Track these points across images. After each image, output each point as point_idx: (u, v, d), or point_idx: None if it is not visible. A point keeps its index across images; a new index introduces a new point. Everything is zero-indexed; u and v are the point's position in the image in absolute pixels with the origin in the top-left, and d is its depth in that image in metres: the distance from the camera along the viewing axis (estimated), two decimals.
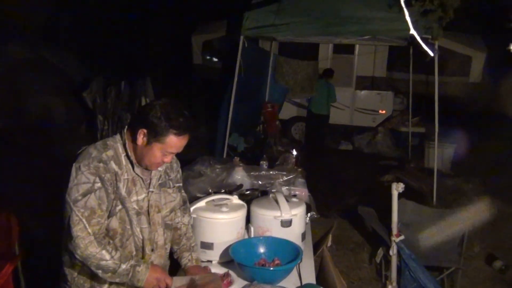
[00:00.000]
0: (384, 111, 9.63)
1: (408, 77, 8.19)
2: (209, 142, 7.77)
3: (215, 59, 10.85)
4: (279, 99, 8.52)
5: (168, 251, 2.06)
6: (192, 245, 2.12)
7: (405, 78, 8.54)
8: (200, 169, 3.36)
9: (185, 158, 1.86)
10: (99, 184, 1.69)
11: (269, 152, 8.06)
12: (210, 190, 3.15)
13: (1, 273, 2.30)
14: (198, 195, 3.03)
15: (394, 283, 3.33)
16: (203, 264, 2.24)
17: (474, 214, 3.52)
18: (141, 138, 1.74)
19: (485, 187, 6.50)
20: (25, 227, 2.77)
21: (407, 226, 3.51)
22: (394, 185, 3.11)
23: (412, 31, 1.36)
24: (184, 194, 2.16)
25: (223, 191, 3.01)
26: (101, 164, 1.71)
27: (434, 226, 3.65)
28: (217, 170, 3.34)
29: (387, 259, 3.52)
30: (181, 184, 2.12)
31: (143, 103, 7.12)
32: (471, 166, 7.34)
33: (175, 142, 1.73)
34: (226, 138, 6.38)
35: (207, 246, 2.30)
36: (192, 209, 2.32)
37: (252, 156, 7.04)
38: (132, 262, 1.73)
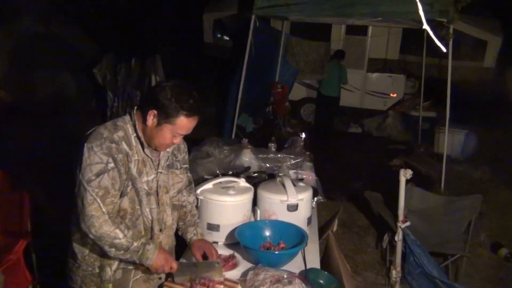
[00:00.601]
0: (395, 95, 9.53)
1: (421, 60, 8.07)
2: (218, 122, 7.78)
3: (226, 38, 10.77)
4: (289, 80, 8.45)
5: (174, 230, 2.09)
6: (197, 221, 2.16)
7: (418, 61, 8.42)
8: (208, 150, 3.37)
9: (193, 138, 1.87)
10: (112, 165, 1.70)
11: (278, 133, 8.10)
12: (217, 171, 3.16)
13: (13, 250, 2.35)
14: (206, 175, 3.05)
15: (398, 268, 3.35)
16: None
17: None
18: (151, 119, 1.74)
19: (494, 175, 6.45)
20: (36, 204, 2.82)
21: (413, 212, 3.52)
22: (402, 171, 3.10)
23: (422, 16, 1.32)
24: (189, 175, 2.17)
25: (230, 173, 3.02)
26: (114, 145, 1.72)
27: (440, 213, 3.65)
28: (225, 151, 3.35)
29: (392, 244, 3.54)
30: (187, 165, 2.13)
31: (153, 81, 7.12)
32: (482, 152, 7.27)
33: (185, 123, 1.74)
34: (235, 118, 6.38)
35: (214, 227, 2.33)
36: (199, 191, 2.34)
37: (260, 136, 7.06)
38: (143, 240, 1.77)
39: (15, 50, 7.26)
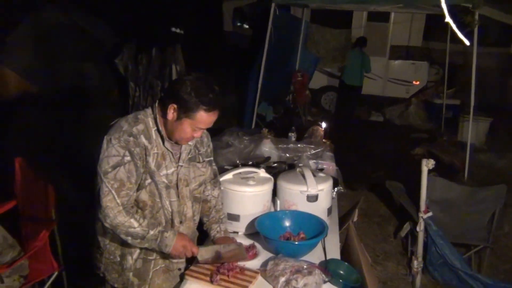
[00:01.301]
0: (418, 82, 9.37)
1: (445, 46, 7.89)
2: (238, 111, 7.78)
3: (245, 26, 10.72)
4: (310, 68, 8.37)
5: (196, 223, 2.10)
6: (221, 217, 2.16)
7: (442, 48, 8.23)
8: (228, 140, 3.39)
9: (213, 128, 1.87)
10: (128, 158, 1.72)
11: (298, 122, 8.05)
12: (238, 162, 3.18)
13: (38, 237, 2.41)
14: (226, 165, 3.07)
15: (420, 259, 3.34)
16: (230, 236, 2.29)
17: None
18: (171, 113, 1.75)
19: None
20: (61, 192, 2.88)
21: (435, 203, 3.47)
22: (424, 161, 3.07)
23: (444, 7, 1.27)
24: (215, 167, 2.18)
25: (250, 163, 3.03)
26: (131, 138, 1.74)
27: (463, 203, 3.59)
28: (245, 141, 3.36)
29: (413, 234, 3.51)
30: (211, 158, 2.14)
31: (173, 71, 7.15)
32: (507, 141, 7.10)
33: (205, 118, 1.75)
34: (255, 107, 6.37)
35: (234, 217, 2.34)
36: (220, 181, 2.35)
37: (280, 125, 7.03)
38: (160, 228, 1.79)
39: (38, 41, 7.36)
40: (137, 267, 1.92)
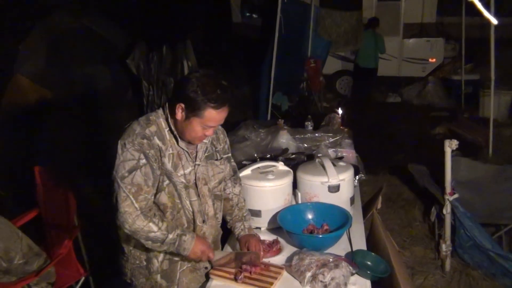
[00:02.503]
0: (434, 59, 9.16)
1: (461, 20, 7.67)
2: (252, 102, 7.74)
3: (254, 16, 10.62)
4: (322, 53, 8.23)
5: (219, 221, 2.07)
6: (244, 214, 2.13)
7: (457, 22, 8.01)
8: (244, 134, 3.36)
9: (228, 121, 1.82)
10: (144, 161, 1.70)
11: (314, 109, 7.96)
12: (255, 155, 3.14)
13: (62, 245, 2.42)
14: (244, 160, 3.04)
15: (448, 242, 3.26)
16: (254, 232, 2.27)
17: None
18: (179, 113, 1.72)
19: None
20: (84, 196, 2.90)
21: (461, 184, 3.38)
22: (447, 142, 2.98)
23: None
24: (233, 164, 2.14)
25: (268, 156, 2.99)
26: (145, 141, 1.71)
27: (490, 182, 3.49)
28: (262, 134, 3.32)
29: (440, 217, 3.43)
30: (229, 155, 2.10)
31: (185, 66, 7.13)
32: None
33: (214, 115, 1.70)
34: (270, 98, 6.31)
35: (255, 213, 2.31)
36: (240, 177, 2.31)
37: (297, 114, 6.96)
38: (178, 231, 1.77)
39: (51, 47, 7.42)
40: (164, 268, 1.91)
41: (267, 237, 2.24)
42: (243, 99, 8.22)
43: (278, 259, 2.05)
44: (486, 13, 0.98)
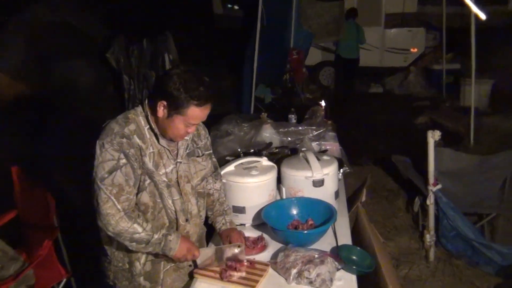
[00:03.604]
0: (416, 49, 9.21)
1: (441, 10, 7.71)
2: (234, 95, 7.68)
3: (236, 7, 10.51)
4: (305, 44, 8.20)
5: (203, 218, 2.04)
6: (226, 209, 2.10)
7: (438, 12, 8.06)
8: (227, 128, 3.31)
9: (211, 114, 1.78)
10: (124, 160, 1.65)
11: (298, 101, 7.95)
12: (239, 150, 3.11)
13: (42, 246, 2.36)
14: (227, 154, 3.00)
15: (432, 232, 3.29)
16: (236, 226, 2.24)
17: None
18: (161, 111, 1.67)
19: None
20: (65, 197, 2.83)
21: (444, 174, 3.40)
22: (430, 133, 2.99)
23: None
24: (214, 159, 2.10)
25: (252, 150, 2.96)
26: (124, 140, 1.66)
27: (472, 172, 3.52)
28: (245, 128, 3.28)
29: (424, 208, 3.45)
30: (211, 151, 2.07)
31: (166, 60, 7.04)
32: (511, 102, 6.98)
33: (197, 113, 1.67)
34: (252, 90, 6.26)
35: (239, 210, 2.28)
36: (221, 173, 2.28)
37: (280, 106, 6.94)
38: (164, 231, 1.73)
39: (29, 40, 7.24)
40: (147, 270, 1.87)
41: (252, 233, 2.21)
42: (226, 91, 8.16)
43: (264, 256, 2.03)
44: (474, 8, 0.96)
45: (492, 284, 3.05)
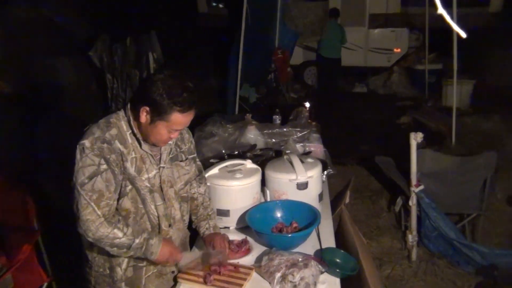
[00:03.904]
0: (399, 49, 9.28)
1: (424, 11, 7.80)
2: (219, 94, 7.66)
3: (221, 6, 10.47)
4: (290, 44, 8.21)
5: (186, 223, 2.02)
6: (210, 213, 2.08)
7: (421, 13, 8.14)
8: (211, 129, 3.30)
9: (196, 114, 1.75)
10: (104, 166, 1.63)
11: (282, 100, 7.97)
12: (223, 151, 3.10)
13: (22, 250, 2.32)
14: (211, 156, 2.99)
15: (414, 233, 3.33)
16: (221, 231, 2.23)
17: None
18: (144, 116, 1.65)
19: (506, 124, 6.31)
20: (44, 199, 2.78)
21: (427, 175, 3.44)
22: (412, 135, 3.02)
23: None
24: (199, 163, 2.09)
25: (236, 152, 2.95)
26: (105, 145, 1.64)
27: (454, 173, 3.57)
28: (229, 129, 3.28)
29: (406, 208, 3.49)
30: (195, 155, 2.05)
31: (150, 58, 6.98)
32: (491, 102, 7.11)
33: (180, 119, 1.64)
34: (237, 90, 6.25)
35: (224, 213, 2.27)
36: (205, 176, 2.27)
37: (265, 106, 6.94)
38: (145, 235, 1.71)
39: (8, 38, 7.10)
40: (128, 276, 1.84)
41: (236, 236, 2.21)
42: (211, 90, 8.13)
43: (248, 260, 2.03)
44: (455, 27, 0.97)
45: (472, 283, 3.11)
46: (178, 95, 1.60)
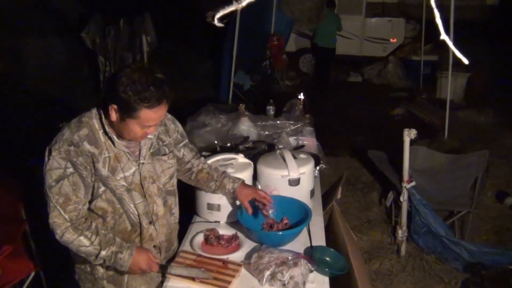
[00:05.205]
0: (395, 39, 9.26)
1: (422, 1, 7.74)
2: (214, 79, 7.59)
3: None
4: (285, 31, 8.12)
5: (176, 216, 1.97)
6: (223, 171, 2.09)
7: (418, 3, 8.09)
8: (204, 119, 3.28)
9: (190, 99, 1.70)
10: (71, 169, 1.57)
11: (277, 88, 7.92)
12: (215, 142, 3.07)
13: (9, 239, 2.29)
14: (203, 147, 2.97)
15: (404, 228, 3.34)
16: (211, 225, 2.22)
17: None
18: (113, 115, 1.56)
19: (499, 118, 6.34)
20: (32, 186, 2.73)
21: (418, 172, 3.45)
22: (406, 131, 3.01)
23: (438, 20, 1.12)
24: (191, 146, 2.04)
25: (228, 144, 2.93)
26: (72, 148, 1.57)
27: (446, 171, 3.58)
28: (222, 120, 3.25)
29: (397, 203, 3.50)
30: (186, 141, 1.99)
31: (144, 41, 6.89)
32: (485, 96, 7.12)
33: (150, 115, 1.56)
34: (231, 77, 6.19)
35: (214, 207, 2.25)
36: None
37: (259, 93, 6.89)
38: (114, 248, 1.64)
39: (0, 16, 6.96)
40: (110, 274, 1.82)
41: (226, 231, 2.19)
42: (205, 75, 8.06)
43: (237, 256, 2.01)
44: (458, 53, 0.95)
45: (459, 280, 3.14)
46: (144, 91, 1.51)
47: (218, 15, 0.83)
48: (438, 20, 0.78)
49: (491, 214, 4.00)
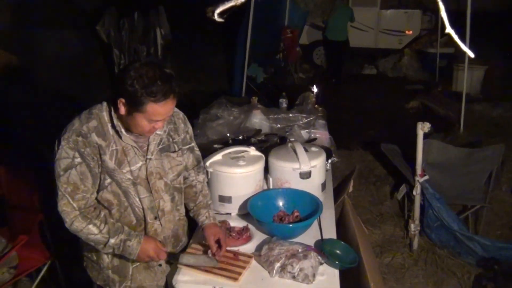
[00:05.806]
0: (411, 32, 9.13)
1: None
2: (227, 72, 7.59)
3: None
4: (299, 23, 8.09)
5: (182, 212, 1.99)
6: (209, 203, 2.03)
7: None
8: (217, 112, 3.29)
9: (202, 90, 1.70)
10: (79, 159, 1.60)
11: (290, 80, 7.89)
12: (228, 135, 3.09)
13: (26, 229, 2.35)
14: (216, 139, 2.98)
15: (417, 222, 3.32)
16: (223, 217, 2.24)
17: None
18: (122, 108, 1.58)
19: None
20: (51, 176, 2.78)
21: (432, 165, 3.42)
22: (419, 125, 2.99)
23: (443, 13, 1.09)
24: (197, 153, 2.02)
25: (240, 137, 2.94)
26: (80, 138, 1.60)
27: (460, 165, 3.54)
28: (235, 113, 3.26)
29: (410, 196, 3.48)
30: (192, 145, 1.98)
31: (158, 34, 6.92)
32: (502, 89, 6.99)
33: (157, 109, 1.56)
34: (245, 69, 6.18)
35: (226, 199, 2.27)
36: (208, 162, 2.25)
37: (272, 86, 6.88)
38: (123, 236, 1.67)
39: (16, 9, 7.04)
40: (115, 264, 1.84)
41: (237, 223, 2.21)
42: (219, 68, 8.07)
43: (248, 247, 2.03)
44: (463, 47, 0.93)
45: (472, 275, 3.11)
46: (151, 85, 1.52)
47: (218, 10, 0.84)
48: (443, 14, 0.77)
49: (506, 209, 3.95)
